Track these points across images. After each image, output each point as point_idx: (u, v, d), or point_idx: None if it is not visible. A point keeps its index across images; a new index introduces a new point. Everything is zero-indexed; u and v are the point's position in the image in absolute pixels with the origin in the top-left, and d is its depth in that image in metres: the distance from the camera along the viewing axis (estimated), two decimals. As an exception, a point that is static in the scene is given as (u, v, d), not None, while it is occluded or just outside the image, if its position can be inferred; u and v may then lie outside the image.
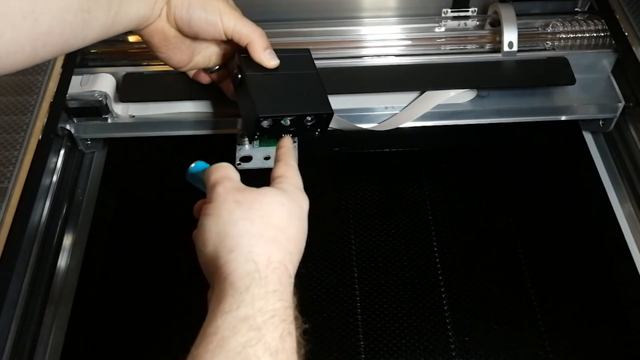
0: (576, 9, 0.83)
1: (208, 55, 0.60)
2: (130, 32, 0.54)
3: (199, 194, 0.50)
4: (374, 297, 0.64)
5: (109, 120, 0.72)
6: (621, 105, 0.74)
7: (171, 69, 0.60)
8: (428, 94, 0.73)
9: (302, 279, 0.43)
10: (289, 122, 0.54)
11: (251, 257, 0.37)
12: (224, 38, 0.56)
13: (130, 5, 0.50)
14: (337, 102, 0.72)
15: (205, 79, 0.64)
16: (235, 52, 0.57)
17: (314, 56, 0.60)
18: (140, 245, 0.70)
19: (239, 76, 0.56)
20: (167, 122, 0.73)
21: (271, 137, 0.55)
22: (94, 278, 0.67)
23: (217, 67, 0.62)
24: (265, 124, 0.53)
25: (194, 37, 0.56)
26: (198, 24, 0.54)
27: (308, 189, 0.77)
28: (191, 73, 0.63)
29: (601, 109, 0.75)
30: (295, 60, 0.58)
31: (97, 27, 0.48)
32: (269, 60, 0.56)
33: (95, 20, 0.47)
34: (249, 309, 0.34)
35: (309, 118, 0.55)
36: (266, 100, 0.54)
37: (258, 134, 0.55)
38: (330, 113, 0.55)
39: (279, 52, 0.57)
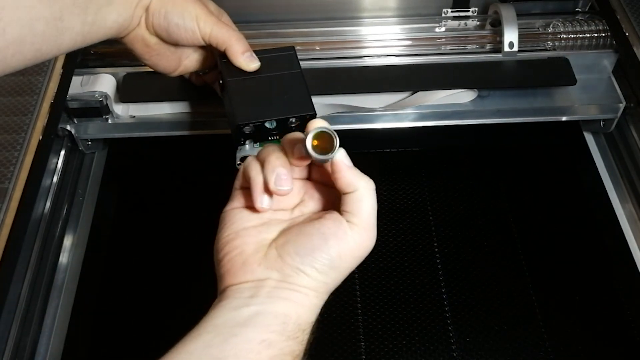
0: (577, 9, 0.83)
1: (196, 59, 0.60)
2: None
3: (199, 194, 0.50)
4: (375, 298, 0.64)
5: (110, 121, 0.72)
6: (622, 105, 0.74)
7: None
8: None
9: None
10: (274, 124, 0.53)
11: None
12: (203, 44, 0.55)
13: (109, 13, 0.49)
14: (337, 101, 0.73)
15: (197, 81, 0.64)
16: (217, 57, 0.57)
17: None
18: (141, 245, 0.70)
19: (221, 81, 0.56)
20: (167, 122, 0.72)
21: (258, 140, 0.55)
22: (95, 279, 0.67)
23: (208, 69, 0.62)
24: (247, 129, 0.53)
25: (175, 44, 0.56)
26: (176, 32, 0.54)
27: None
28: (186, 75, 0.63)
29: (602, 109, 0.74)
30: (278, 60, 0.57)
31: (72, 35, 0.47)
32: (248, 63, 0.55)
33: (69, 28, 0.46)
34: None
35: (292, 120, 0.53)
36: (246, 106, 0.53)
37: (243, 139, 0.55)
38: (312, 114, 0.54)
39: (262, 52, 0.56)
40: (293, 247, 0.38)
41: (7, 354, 0.56)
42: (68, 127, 0.72)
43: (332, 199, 0.42)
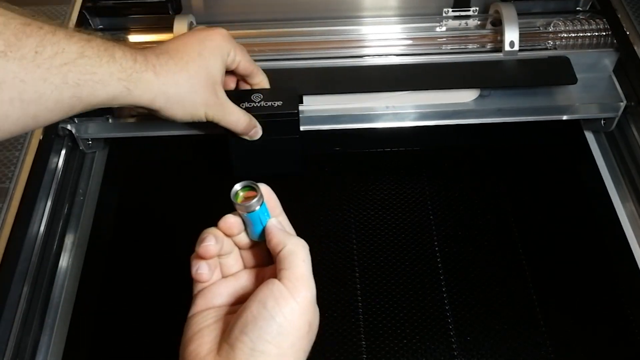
0: (577, 8, 0.83)
1: None
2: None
3: (199, 194, 0.50)
4: (376, 297, 0.64)
5: (110, 120, 0.72)
6: (623, 104, 0.74)
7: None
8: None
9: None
10: None
11: None
12: None
13: (100, 104, 0.47)
14: (338, 101, 0.73)
15: None
16: None
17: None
18: (142, 245, 0.70)
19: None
20: (167, 122, 0.72)
21: None
22: (96, 278, 0.67)
23: None
24: None
25: None
26: (182, 120, 0.55)
27: (309, 188, 0.77)
28: None
29: (603, 108, 0.74)
30: (281, 125, 0.62)
31: (43, 122, 0.44)
32: (251, 137, 0.61)
33: (43, 120, 0.44)
34: None
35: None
36: (243, 161, 0.63)
37: None
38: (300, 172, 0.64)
39: (267, 117, 0.60)
40: (237, 328, 0.36)
41: (8, 354, 0.56)
42: (69, 127, 0.72)
43: None
